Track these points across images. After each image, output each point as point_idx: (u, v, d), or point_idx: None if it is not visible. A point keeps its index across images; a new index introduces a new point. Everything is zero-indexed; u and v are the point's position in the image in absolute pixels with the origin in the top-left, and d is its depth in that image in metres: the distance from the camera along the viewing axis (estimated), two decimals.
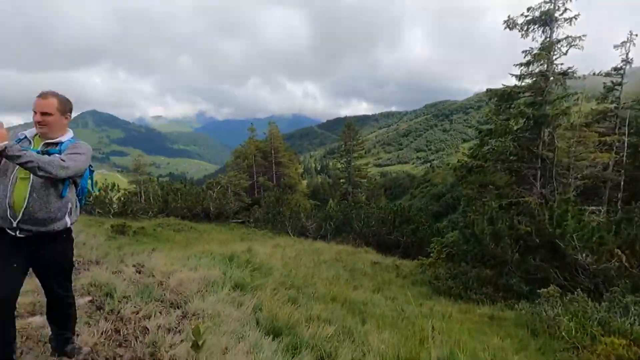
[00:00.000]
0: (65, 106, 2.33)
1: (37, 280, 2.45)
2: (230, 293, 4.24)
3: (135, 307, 3.66)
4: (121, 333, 3.02)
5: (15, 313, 2.76)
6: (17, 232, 2.14)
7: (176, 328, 3.17)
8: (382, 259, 13.46)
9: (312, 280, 6.00)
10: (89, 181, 2.55)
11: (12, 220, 2.11)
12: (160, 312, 3.53)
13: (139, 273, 5.30)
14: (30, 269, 2.33)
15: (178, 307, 3.71)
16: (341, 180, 48.26)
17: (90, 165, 2.47)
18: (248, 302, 3.88)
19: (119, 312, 3.52)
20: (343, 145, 47.95)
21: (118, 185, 26.45)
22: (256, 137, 45.96)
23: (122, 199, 25.73)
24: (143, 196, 27.70)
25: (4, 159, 2.04)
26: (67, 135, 2.37)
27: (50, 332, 2.61)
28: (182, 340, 2.87)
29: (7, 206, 2.10)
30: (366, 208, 22.81)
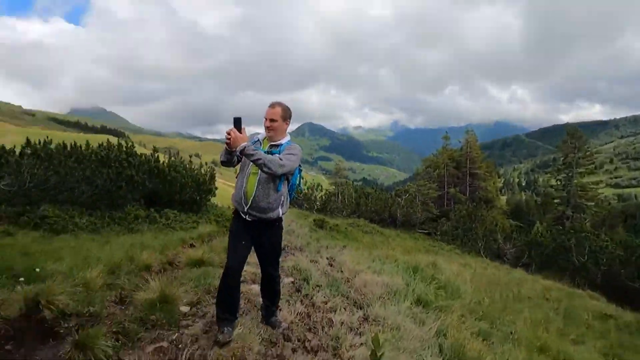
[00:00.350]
0: (286, 113, 2.74)
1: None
2: (412, 307, 4.00)
3: (324, 297, 3.99)
4: (311, 319, 3.32)
5: (242, 279, 3.48)
6: (247, 217, 2.67)
7: (357, 329, 3.22)
8: (618, 311, 9.91)
9: (510, 317, 4.97)
10: (298, 179, 2.92)
11: (244, 205, 2.64)
12: (344, 308, 3.69)
13: (331, 266, 5.83)
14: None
15: (360, 308, 3.79)
16: (555, 201, 39.24)
17: (299, 165, 2.81)
18: (431, 323, 3.55)
19: (312, 298, 3.92)
20: (562, 158, 38.87)
21: (322, 186, 30.86)
22: (450, 146, 43.61)
23: (324, 197, 29.81)
24: (340, 197, 31.08)
25: (243, 157, 2.57)
26: (286, 139, 2.78)
27: (262, 303, 3.13)
28: (361, 344, 2.87)
29: (242, 194, 2.64)
30: (593, 239, 17.48)
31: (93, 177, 8.25)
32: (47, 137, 9.85)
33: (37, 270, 3.24)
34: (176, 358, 2.42)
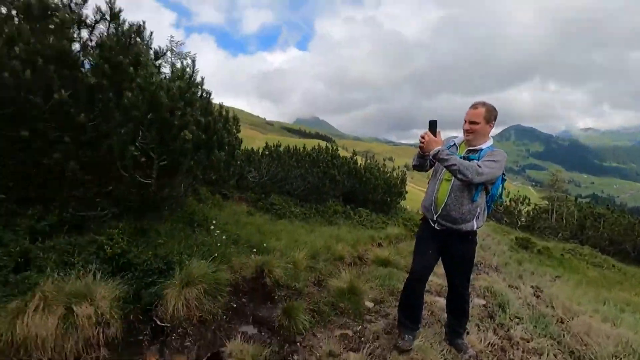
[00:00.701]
0: (491, 114, 2.41)
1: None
2: None
3: (526, 333, 3.32)
4: (507, 355, 2.82)
5: (426, 289, 3.34)
6: (436, 225, 2.52)
7: None
8: None
9: None
10: (500, 189, 2.53)
11: (433, 213, 2.50)
12: (554, 355, 2.95)
13: (537, 297, 4.82)
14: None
15: None
16: None
17: (503, 174, 2.43)
18: None
19: (508, 330, 3.34)
20: None
21: (529, 199, 25.99)
22: None
23: (532, 213, 25.03)
24: (555, 215, 25.36)
25: (436, 162, 2.43)
26: (487, 143, 2.45)
27: (447, 319, 2.90)
28: None
29: (432, 201, 2.51)
30: None
31: (306, 174, 9.97)
32: (278, 141, 12.57)
33: (265, 245, 4.17)
34: (358, 349, 2.56)
